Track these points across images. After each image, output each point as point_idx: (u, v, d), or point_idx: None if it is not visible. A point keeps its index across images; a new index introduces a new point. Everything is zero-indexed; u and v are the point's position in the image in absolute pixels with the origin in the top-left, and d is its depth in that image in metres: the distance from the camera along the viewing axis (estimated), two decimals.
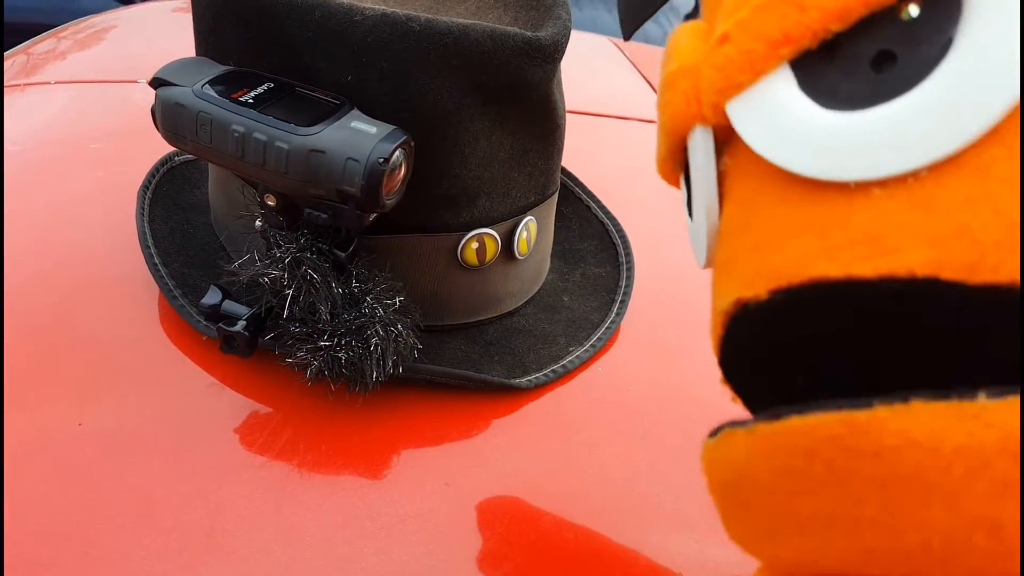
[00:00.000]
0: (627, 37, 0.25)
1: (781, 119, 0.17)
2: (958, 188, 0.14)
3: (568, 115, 0.45)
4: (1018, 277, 0.14)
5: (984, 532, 0.14)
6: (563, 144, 0.44)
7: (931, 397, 0.14)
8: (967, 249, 0.14)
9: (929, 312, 0.15)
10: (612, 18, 1.86)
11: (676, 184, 0.22)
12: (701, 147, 0.19)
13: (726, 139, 0.19)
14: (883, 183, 0.15)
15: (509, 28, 0.36)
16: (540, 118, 0.40)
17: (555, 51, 0.37)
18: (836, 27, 0.16)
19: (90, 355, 0.39)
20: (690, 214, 0.21)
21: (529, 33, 0.36)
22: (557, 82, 0.41)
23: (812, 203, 0.16)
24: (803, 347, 0.17)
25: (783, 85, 0.17)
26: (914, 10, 0.15)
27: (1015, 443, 0.13)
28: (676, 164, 0.21)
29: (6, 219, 0.47)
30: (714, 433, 0.18)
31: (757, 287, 0.17)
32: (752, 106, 0.17)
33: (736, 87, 0.17)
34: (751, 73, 0.17)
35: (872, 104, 0.16)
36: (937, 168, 0.15)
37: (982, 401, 0.14)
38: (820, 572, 0.16)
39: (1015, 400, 0.13)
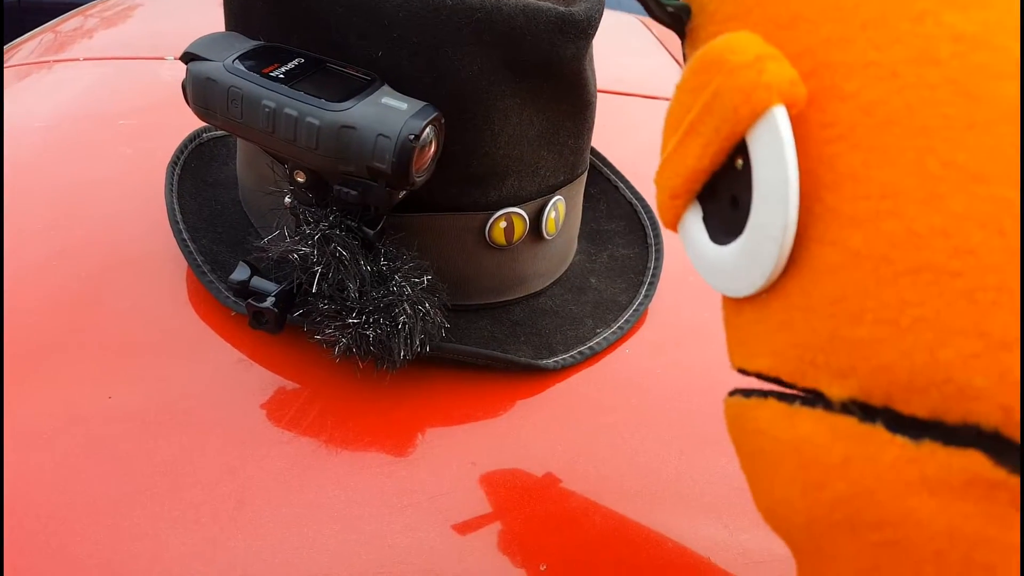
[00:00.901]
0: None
1: (694, 248, 0.21)
2: (778, 312, 0.19)
3: (597, 94, 0.44)
4: (812, 386, 0.18)
5: (783, 506, 0.19)
6: (594, 122, 0.43)
7: (781, 399, 0.19)
8: (789, 362, 0.18)
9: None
10: None
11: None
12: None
13: None
14: (749, 300, 0.20)
15: (542, 3, 0.35)
16: (571, 95, 0.39)
17: (588, 27, 0.36)
18: (697, 185, 0.20)
19: (120, 330, 0.39)
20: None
21: (562, 8, 0.35)
22: (589, 59, 0.40)
23: (728, 308, 0.22)
24: None
25: (694, 221, 0.21)
26: (740, 163, 0.19)
27: (800, 443, 0.18)
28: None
29: (35, 195, 0.48)
30: (749, 394, 0.20)
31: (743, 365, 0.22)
32: (683, 234, 0.22)
33: (676, 218, 0.22)
34: (674, 212, 0.22)
35: (727, 240, 0.20)
36: (770, 292, 0.19)
37: (796, 407, 0.18)
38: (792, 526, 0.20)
39: (811, 411, 0.18)
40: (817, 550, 0.18)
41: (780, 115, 0.17)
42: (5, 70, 0.68)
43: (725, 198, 0.20)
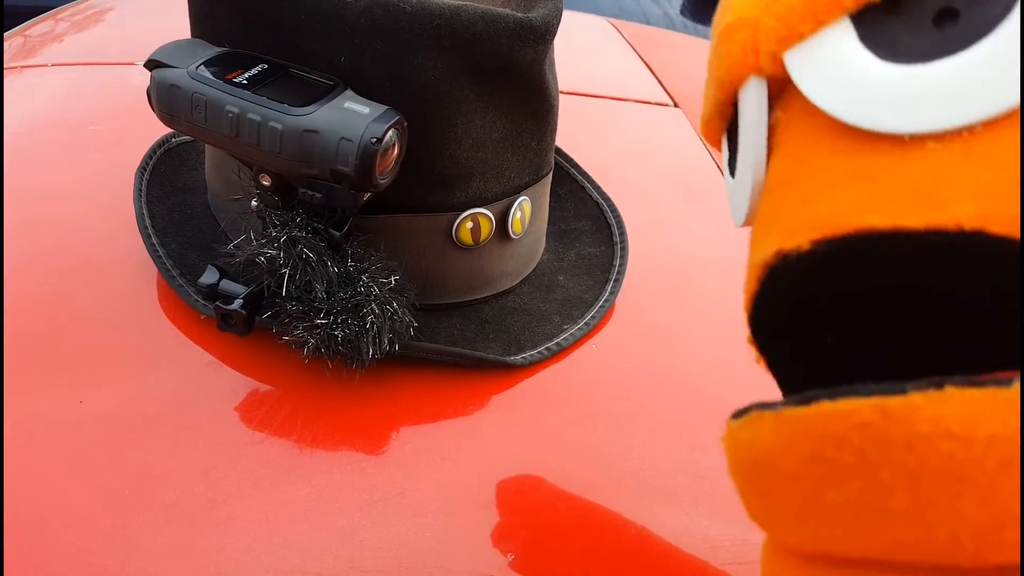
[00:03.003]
0: None
1: (841, 70, 0.17)
2: (1011, 145, 0.15)
3: (565, 96, 0.45)
4: None
5: (1015, 528, 0.13)
6: (556, 125, 0.44)
7: (966, 384, 0.14)
8: (1014, 204, 0.14)
9: (966, 276, 0.15)
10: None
11: (718, 144, 0.22)
12: (754, 98, 0.19)
13: (779, 93, 0.19)
14: (938, 136, 0.15)
15: (500, 9, 0.36)
16: (533, 99, 0.40)
17: (546, 32, 0.37)
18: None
19: (90, 335, 0.39)
20: (732, 173, 0.21)
21: (520, 14, 0.36)
22: (549, 63, 0.41)
23: (865, 154, 0.16)
24: (840, 304, 0.17)
25: (844, 37, 0.17)
26: None
27: None
28: (722, 120, 0.21)
29: (5, 201, 0.48)
30: (739, 414, 0.18)
31: (800, 237, 0.17)
32: (812, 57, 0.17)
33: (797, 36, 0.17)
34: (813, 23, 0.17)
35: (932, 59, 0.16)
36: (992, 124, 0.15)
37: (1016, 388, 0.13)
38: (846, 559, 0.16)
39: None
40: None
41: None
42: None
43: (926, 10, 0.16)
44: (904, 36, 0.16)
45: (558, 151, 0.55)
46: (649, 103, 0.75)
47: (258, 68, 0.35)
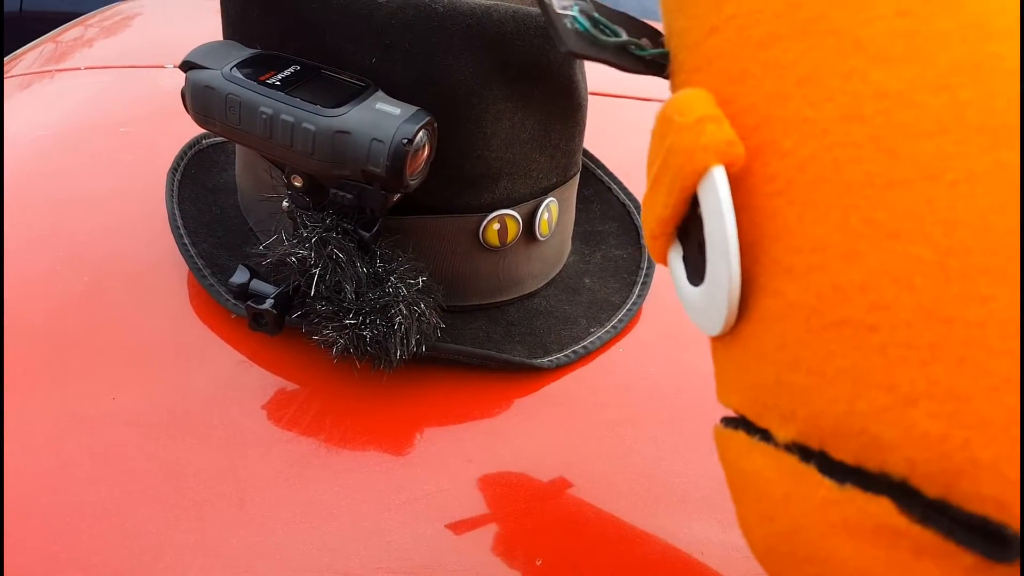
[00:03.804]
0: None
1: (676, 283, 0.22)
2: (738, 355, 0.20)
3: (590, 96, 0.45)
4: (764, 425, 0.19)
5: (746, 532, 0.22)
6: (585, 125, 0.44)
7: (749, 433, 0.21)
8: (750, 402, 0.20)
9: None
10: None
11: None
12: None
13: None
14: (720, 340, 0.21)
15: (532, 8, 0.36)
16: (562, 99, 0.40)
17: None
18: (670, 228, 0.21)
19: (122, 333, 0.40)
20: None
21: None
22: (579, 62, 0.41)
23: (712, 345, 0.22)
24: None
25: (675, 257, 0.22)
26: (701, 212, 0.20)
27: (753, 474, 0.20)
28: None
29: (38, 202, 0.48)
30: (727, 423, 0.22)
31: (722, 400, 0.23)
32: (669, 269, 0.23)
33: (660, 258, 0.23)
34: (657, 251, 0.23)
35: (697, 282, 0.21)
36: (733, 335, 0.20)
37: (756, 440, 0.20)
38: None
39: (766, 446, 0.19)
40: None
41: (719, 175, 0.18)
42: (7, 80, 0.69)
43: (695, 242, 0.20)
44: (692, 261, 0.21)
45: (584, 151, 0.55)
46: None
47: (291, 69, 0.35)
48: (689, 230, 0.21)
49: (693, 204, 0.20)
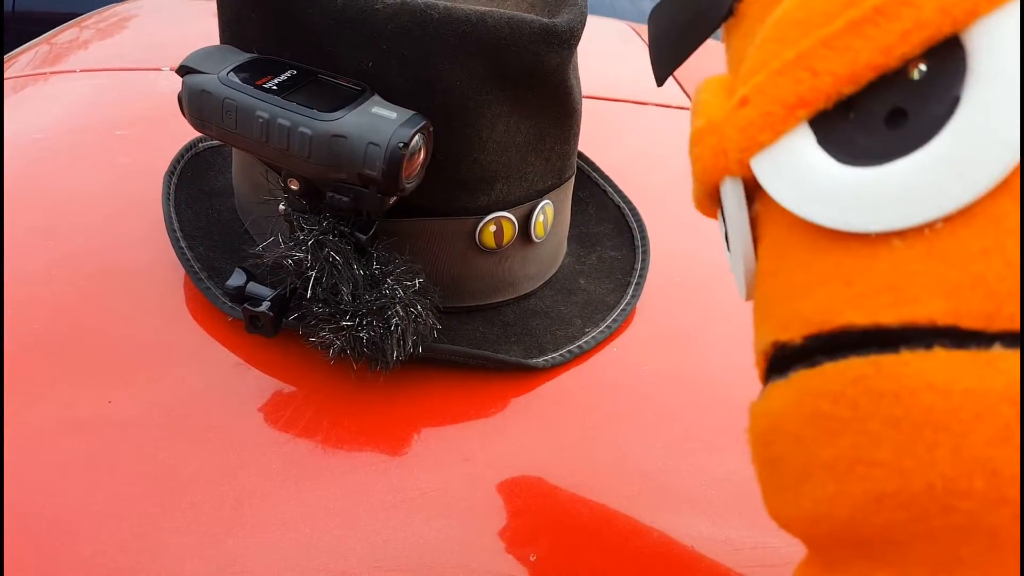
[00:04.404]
0: (660, 83, 0.26)
1: (802, 174, 0.18)
2: (972, 240, 0.15)
3: (586, 100, 0.45)
4: None
5: (983, 476, 0.15)
6: (579, 129, 0.44)
7: (952, 346, 0.15)
8: (984, 300, 0.15)
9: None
10: (630, 2, 1.85)
11: (715, 217, 0.23)
12: (732, 197, 0.20)
13: (756, 188, 0.20)
14: (902, 234, 0.16)
15: (526, 15, 0.36)
16: (557, 103, 0.40)
17: (571, 37, 0.38)
18: (848, 90, 0.17)
19: (118, 336, 0.40)
20: (728, 248, 0.22)
21: (546, 19, 0.37)
22: (573, 67, 0.42)
23: (837, 252, 0.17)
24: None
25: (803, 142, 0.18)
26: (922, 70, 0.16)
27: (1019, 390, 0.14)
28: (712, 203, 0.22)
29: (34, 205, 0.49)
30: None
31: (792, 331, 0.18)
32: (774, 163, 0.18)
33: (758, 146, 0.18)
34: (771, 133, 0.18)
35: (887, 160, 0.16)
36: (952, 220, 0.16)
37: (996, 350, 0.15)
38: (834, 527, 0.17)
39: None
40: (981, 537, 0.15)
41: None
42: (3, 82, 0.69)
43: (877, 113, 0.17)
44: (860, 138, 0.17)
45: (579, 155, 0.55)
46: (670, 107, 0.75)
47: (287, 74, 0.35)
48: (861, 100, 0.17)
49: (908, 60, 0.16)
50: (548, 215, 0.43)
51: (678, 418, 0.40)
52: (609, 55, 0.89)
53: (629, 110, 0.74)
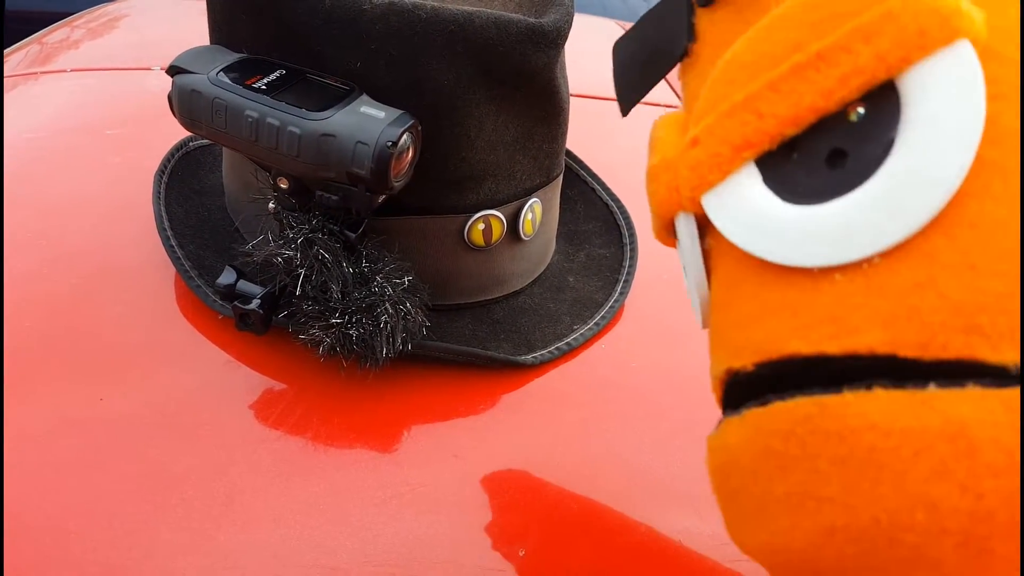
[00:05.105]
0: (625, 114, 0.26)
1: (748, 212, 0.19)
2: (907, 274, 0.16)
3: (575, 99, 0.45)
4: (966, 354, 0.15)
5: (924, 510, 0.15)
6: (567, 127, 0.44)
7: (890, 386, 0.16)
8: (919, 330, 0.16)
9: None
10: (620, 1, 1.85)
11: (674, 246, 0.23)
12: (685, 232, 0.21)
13: (708, 221, 0.21)
14: (842, 269, 0.17)
15: (512, 15, 0.37)
16: (544, 102, 0.41)
17: (557, 37, 0.38)
18: (791, 131, 0.18)
19: (110, 335, 0.40)
20: (686, 276, 0.23)
21: (532, 19, 0.37)
22: (560, 67, 0.42)
23: (783, 285, 0.18)
24: None
25: (749, 182, 0.19)
26: (860, 111, 0.17)
27: (954, 427, 0.15)
28: (670, 235, 0.23)
29: (25, 205, 0.49)
30: (717, 426, 0.20)
31: (743, 359, 0.19)
32: (722, 201, 0.19)
33: (708, 184, 0.19)
34: (719, 173, 0.19)
35: (827, 198, 0.17)
36: (888, 256, 0.17)
37: (932, 390, 0.16)
38: (791, 557, 0.18)
39: (960, 391, 0.15)
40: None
41: (969, 49, 0.16)
42: None
43: (819, 153, 0.18)
44: (802, 177, 0.18)
45: (568, 153, 0.56)
46: (658, 105, 0.76)
47: (276, 74, 0.36)
48: (804, 140, 0.18)
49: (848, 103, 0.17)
50: (536, 213, 0.44)
51: (666, 414, 0.41)
52: (598, 54, 0.90)
53: (617, 108, 0.74)
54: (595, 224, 0.53)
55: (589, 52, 0.87)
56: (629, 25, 1.07)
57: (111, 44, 0.81)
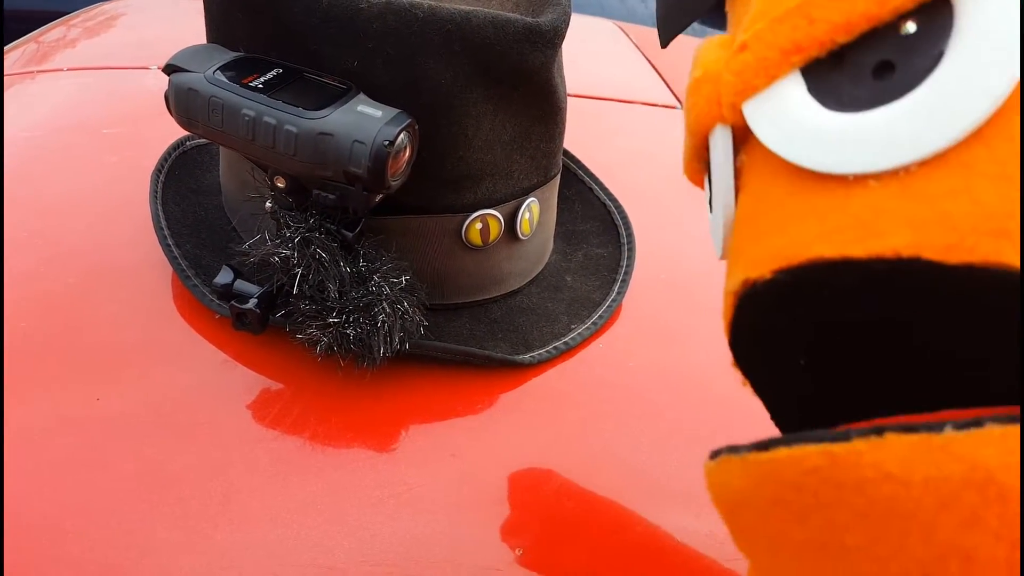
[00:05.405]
0: (664, 45, 0.26)
1: (791, 119, 0.18)
2: (942, 181, 0.16)
3: (573, 99, 0.45)
4: (993, 258, 0.15)
5: (957, 561, 0.15)
6: (564, 127, 0.45)
7: (902, 430, 0.15)
8: (947, 233, 0.16)
9: (906, 299, 0.16)
10: (619, 1, 1.85)
11: (701, 184, 0.23)
12: (720, 144, 0.21)
13: (744, 138, 0.21)
14: (878, 176, 0.17)
15: (510, 14, 0.37)
16: (541, 102, 0.41)
17: (555, 36, 0.38)
18: (842, 39, 0.18)
19: (107, 334, 0.40)
20: (711, 209, 0.22)
21: (529, 19, 0.37)
22: (558, 66, 0.42)
23: (815, 193, 0.18)
24: (803, 327, 0.19)
25: (794, 89, 0.19)
26: (911, 27, 0.17)
27: (981, 474, 0.14)
28: (701, 163, 0.23)
29: (22, 204, 0.49)
30: (714, 455, 0.19)
31: (762, 268, 0.19)
32: (766, 107, 0.19)
33: (752, 90, 0.19)
34: (765, 78, 0.19)
35: (871, 107, 0.17)
36: (926, 164, 0.17)
37: (949, 433, 0.15)
38: None
39: (979, 432, 0.15)
40: None
41: None
42: None
43: (866, 64, 0.18)
44: (847, 87, 0.18)
45: (566, 153, 0.56)
46: (656, 105, 0.76)
47: (273, 72, 0.36)
48: (852, 52, 0.18)
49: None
50: (534, 213, 0.44)
51: (663, 413, 0.41)
52: (597, 54, 0.90)
53: (616, 109, 0.74)
54: (593, 224, 0.53)
55: (587, 52, 0.88)
56: (627, 25, 1.07)
57: (108, 43, 0.81)
